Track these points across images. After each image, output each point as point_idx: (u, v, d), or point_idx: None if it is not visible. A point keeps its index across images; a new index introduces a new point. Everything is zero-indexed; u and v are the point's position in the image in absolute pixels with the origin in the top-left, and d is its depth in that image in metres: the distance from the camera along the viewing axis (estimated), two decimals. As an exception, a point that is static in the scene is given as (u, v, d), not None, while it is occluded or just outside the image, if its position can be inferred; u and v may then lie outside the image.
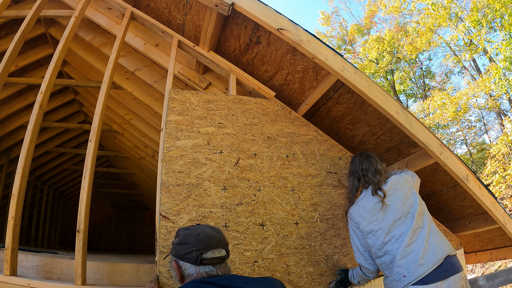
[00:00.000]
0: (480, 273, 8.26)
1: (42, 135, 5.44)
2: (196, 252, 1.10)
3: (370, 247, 1.77)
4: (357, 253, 1.86)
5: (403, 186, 1.83)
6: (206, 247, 1.12)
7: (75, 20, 2.51)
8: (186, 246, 1.13)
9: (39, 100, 2.21)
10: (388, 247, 1.68)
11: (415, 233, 1.66)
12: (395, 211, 1.73)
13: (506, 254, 2.77)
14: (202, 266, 1.09)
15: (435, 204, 2.66)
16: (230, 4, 1.97)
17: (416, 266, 1.58)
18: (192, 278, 1.09)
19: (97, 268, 2.34)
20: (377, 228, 1.74)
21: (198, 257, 1.09)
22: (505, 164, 9.63)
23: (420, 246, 1.62)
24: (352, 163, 2.04)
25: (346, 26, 19.21)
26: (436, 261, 1.57)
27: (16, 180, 2.02)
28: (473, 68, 15.34)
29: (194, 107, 2.06)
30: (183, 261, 1.12)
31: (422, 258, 1.58)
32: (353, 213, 1.87)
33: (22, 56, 3.91)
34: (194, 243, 1.12)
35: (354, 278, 1.91)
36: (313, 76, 2.24)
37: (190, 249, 1.11)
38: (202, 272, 1.09)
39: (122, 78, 3.64)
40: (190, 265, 1.10)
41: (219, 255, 1.12)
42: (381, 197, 1.78)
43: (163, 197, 1.79)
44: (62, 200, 8.94)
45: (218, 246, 1.14)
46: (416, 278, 1.56)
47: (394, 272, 1.64)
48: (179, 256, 1.14)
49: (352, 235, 1.89)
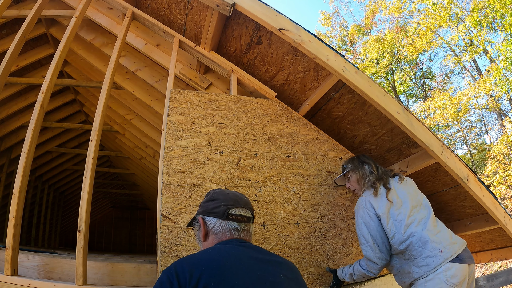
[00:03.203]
0: (481, 273, 8.25)
1: (42, 135, 5.45)
2: (224, 207, 1.13)
3: (393, 234, 1.72)
4: (364, 245, 1.78)
5: (412, 184, 1.93)
6: (234, 203, 1.15)
7: (76, 20, 2.52)
8: (214, 202, 1.17)
9: (40, 100, 2.22)
10: (412, 230, 1.69)
11: (434, 219, 1.74)
12: (411, 200, 1.80)
13: (506, 255, 2.77)
14: (227, 221, 1.11)
15: (436, 205, 2.66)
16: (231, 4, 1.97)
17: (450, 243, 1.61)
18: (215, 235, 1.12)
19: (98, 268, 2.34)
20: (398, 213, 1.75)
21: (225, 211, 1.12)
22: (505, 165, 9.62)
23: (445, 229, 1.69)
24: (362, 157, 2.06)
25: (346, 27, 19.24)
26: (462, 244, 1.64)
27: (17, 180, 2.02)
28: (473, 69, 15.35)
29: (195, 107, 2.06)
30: (210, 216, 1.15)
31: (452, 238, 1.64)
32: (370, 198, 1.83)
33: (23, 56, 3.92)
34: (223, 200, 1.16)
35: (352, 276, 1.84)
36: (314, 76, 2.24)
37: (218, 204, 1.15)
38: (226, 228, 1.11)
39: (123, 78, 3.64)
40: (216, 219, 1.13)
41: (245, 214, 1.15)
42: (402, 179, 1.90)
43: (164, 197, 1.79)
44: (62, 200, 8.95)
45: (245, 206, 1.18)
46: (454, 255, 1.57)
47: (427, 248, 1.61)
48: (207, 211, 1.16)
49: (361, 225, 1.80)
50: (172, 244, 1.71)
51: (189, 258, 0.97)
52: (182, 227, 1.76)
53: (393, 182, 1.89)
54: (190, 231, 1.76)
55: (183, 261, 0.94)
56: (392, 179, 1.92)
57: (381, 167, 1.98)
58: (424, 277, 1.61)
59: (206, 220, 1.15)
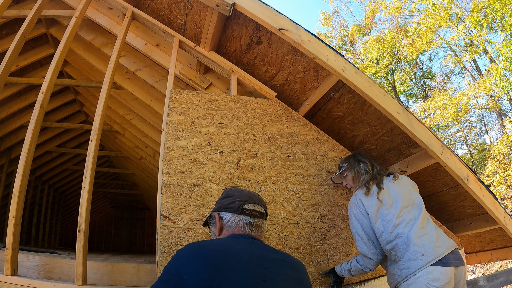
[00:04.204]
0: (481, 273, 8.25)
1: (42, 135, 5.44)
2: (239, 202, 1.19)
3: (380, 233, 1.74)
4: (359, 241, 1.80)
5: (406, 183, 1.92)
6: (248, 199, 1.21)
7: (76, 20, 2.52)
8: (230, 198, 1.22)
9: (40, 100, 2.22)
10: (399, 230, 1.69)
11: (424, 220, 1.71)
12: (403, 200, 1.78)
13: (506, 255, 2.77)
14: (242, 216, 1.17)
15: (436, 205, 2.66)
16: (231, 4, 1.97)
17: (433, 247, 1.59)
18: (229, 228, 1.16)
19: (98, 268, 2.34)
20: (387, 213, 1.75)
21: (240, 206, 1.18)
22: (505, 165, 9.62)
23: (433, 232, 1.67)
24: (358, 155, 2.05)
25: (346, 27, 19.23)
26: (449, 247, 1.62)
27: (17, 180, 2.02)
28: (473, 69, 15.34)
29: (195, 107, 2.06)
30: (225, 211, 1.19)
31: (438, 241, 1.62)
32: (361, 197, 1.85)
33: (22, 56, 3.92)
34: (238, 196, 1.22)
35: (350, 272, 1.84)
36: (314, 76, 2.24)
37: (233, 200, 1.21)
38: (241, 222, 1.16)
39: (123, 78, 3.64)
40: (231, 214, 1.18)
41: (259, 209, 1.21)
42: (396, 178, 1.90)
43: (164, 197, 1.79)
44: (62, 200, 8.95)
45: (259, 203, 1.23)
46: (436, 258, 1.56)
47: (409, 251, 1.62)
48: (222, 207, 1.21)
49: (354, 222, 1.83)
50: (172, 244, 1.71)
51: (194, 245, 1.01)
52: (182, 227, 1.76)
53: (386, 181, 1.88)
54: (190, 231, 1.76)
55: (188, 248, 0.99)
56: (386, 178, 1.91)
57: (376, 166, 1.97)
58: (406, 281, 1.62)
59: (221, 215, 1.20)
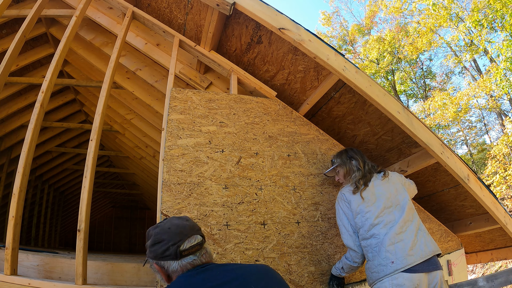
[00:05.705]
0: (481, 273, 8.25)
1: (42, 135, 5.44)
2: (173, 247, 1.07)
3: (359, 228, 1.77)
4: (345, 234, 1.83)
5: (396, 181, 1.89)
6: (181, 238, 1.09)
7: (76, 19, 2.51)
8: (161, 244, 1.09)
9: (40, 99, 2.22)
10: (376, 231, 1.70)
11: (405, 224, 1.69)
12: (386, 200, 1.77)
13: (506, 254, 2.77)
14: (183, 259, 1.06)
15: (436, 204, 2.66)
16: (231, 3, 1.97)
17: (405, 255, 1.59)
18: (176, 272, 1.07)
19: (98, 268, 2.34)
20: (367, 210, 1.76)
21: (176, 251, 1.06)
22: (505, 165, 9.62)
23: (410, 238, 1.65)
24: (351, 151, 2.03)
25: (346, 26, 19.23)
26: (424, 256, 1.61)
27: (17, 180, 2.02)
28: (473, 69, 15.33)
29: (195, 106, 2.06)
30: (164, 260, 1.08)
31: (412, 250, 1.61)
32: (346, 192, 1.88)
33: (23, 55, 3.92)
34: (168, 238, 1.09)
35: (343, 270, 1.86)
36: (315, 76, 2.24)
37: (166, 246, 1.08)
38: (185, 264, 1.06)
39: (123, 78, 3.64)
40: (172, 261, 1.07)
41: (195, 242, 1.09)
42: (385, 176, 1.88)
43: (165, 195, 1.79)
44: (62, 200, 8.95)
45: (192, 233, 1.11)
46: (405, 266, 1.56)
47: (381, 256, 1.63)
48: (158, 256, 1.09)
49: (341, 215, 1.86)
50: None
51: None
52: (182, 226, 1.75)
53: (375, 179, 1.88)
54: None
55: None
56: (376, 175, 1.91)
57: (368, 162, 1.96)
58: (374, 284, 1.65)
59: (162, 265, 1.09)
